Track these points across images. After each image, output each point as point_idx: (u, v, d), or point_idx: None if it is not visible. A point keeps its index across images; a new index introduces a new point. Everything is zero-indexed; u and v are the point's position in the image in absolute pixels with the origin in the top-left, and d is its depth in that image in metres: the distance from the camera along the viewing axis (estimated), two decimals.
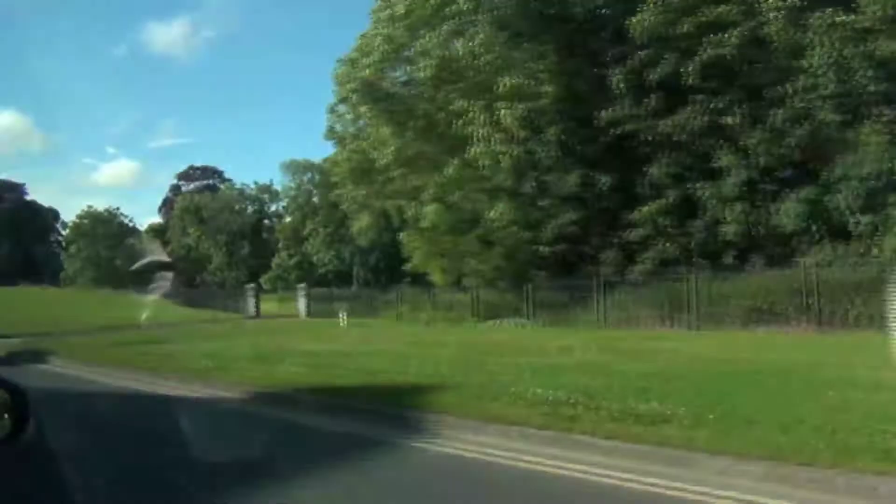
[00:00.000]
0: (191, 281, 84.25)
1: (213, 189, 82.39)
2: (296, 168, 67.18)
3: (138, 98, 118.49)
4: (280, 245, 63.50)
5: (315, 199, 65.18)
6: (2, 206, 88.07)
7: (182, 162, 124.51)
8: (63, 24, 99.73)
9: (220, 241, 71.54)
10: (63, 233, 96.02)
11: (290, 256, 61.17)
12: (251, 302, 33.26)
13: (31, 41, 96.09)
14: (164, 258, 68.81)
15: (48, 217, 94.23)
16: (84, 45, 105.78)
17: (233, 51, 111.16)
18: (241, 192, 74.99)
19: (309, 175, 67.49)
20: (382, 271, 51.60)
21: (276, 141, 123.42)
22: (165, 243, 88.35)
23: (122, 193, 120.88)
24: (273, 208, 76.60)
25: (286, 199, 66.36)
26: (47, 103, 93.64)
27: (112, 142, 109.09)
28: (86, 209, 78.04)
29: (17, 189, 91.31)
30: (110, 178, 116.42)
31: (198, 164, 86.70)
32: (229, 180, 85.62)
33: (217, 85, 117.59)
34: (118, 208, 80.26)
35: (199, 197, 74.35)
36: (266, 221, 75.27)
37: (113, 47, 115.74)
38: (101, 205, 79.65)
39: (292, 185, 66.68)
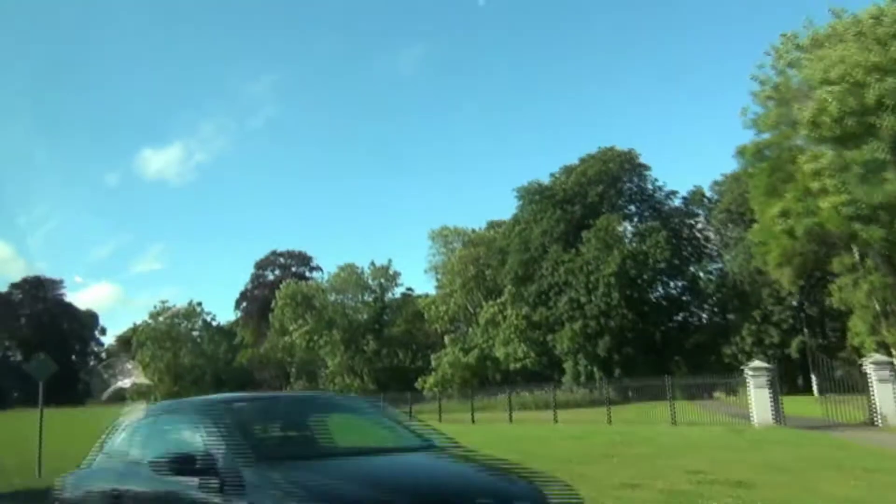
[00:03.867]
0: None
1: (303, 278, 66.56)
2: (445, 237, 52.25)
3: (127, 223, 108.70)
4: (447, 339, 46.95)
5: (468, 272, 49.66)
6: (37, 306, 71.36)
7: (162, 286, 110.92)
8: (57, 151, 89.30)
9: (335, 338, 54.95)
10: (103, 340, 78.90)
11: (466, 352, 44.46)
12: (766, 398, 16.05)
13: (17, 166, 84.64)
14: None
15: (88, 322, 77.16)
16: (76, 172, 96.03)
17: (224, 174, 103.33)
18: (356, 273, 59.14)
19: (455, 245, 52.56)
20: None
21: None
22: (235, 347, 71.28)
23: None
24: (388, 295, 60.73)
25: (441, 275, 50.56)
26: (30, 231, 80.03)
27: (95, 266, 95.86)
28: (161, 304, 61.24)
29: (54, 287, 74.67)
30: (87, 302, 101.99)
31: (279, 249, 71.35)
32: (318, 268, 70.23)
33: (207, 208, 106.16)
34: (200, 303, 63.59)
35: (307, 285, 58.37)
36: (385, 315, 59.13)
37: (106, 173, 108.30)
38: None
39: (443, 256, 51.39)
